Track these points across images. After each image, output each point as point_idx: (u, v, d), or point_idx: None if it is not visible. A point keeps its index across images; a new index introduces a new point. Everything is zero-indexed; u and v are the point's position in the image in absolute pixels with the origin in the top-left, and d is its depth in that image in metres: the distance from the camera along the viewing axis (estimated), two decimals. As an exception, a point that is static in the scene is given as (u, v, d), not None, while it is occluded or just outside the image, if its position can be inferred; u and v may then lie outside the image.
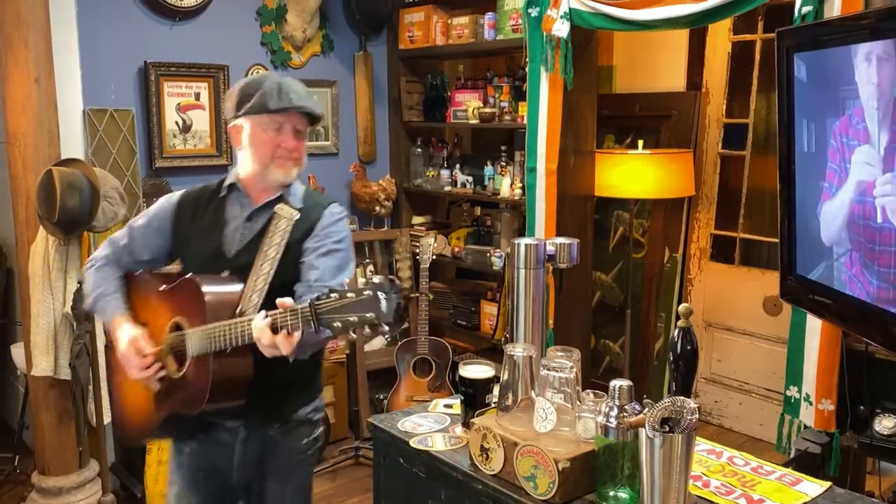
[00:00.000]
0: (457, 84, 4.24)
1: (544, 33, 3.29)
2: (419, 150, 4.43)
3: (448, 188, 4.24)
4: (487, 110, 3.95)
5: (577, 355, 1.59)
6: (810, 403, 2.54)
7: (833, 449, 2.48)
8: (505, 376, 1.62)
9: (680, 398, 1.36)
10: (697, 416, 1.35)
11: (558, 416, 1.50)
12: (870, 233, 1.90)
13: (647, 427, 1.34)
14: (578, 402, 1.53)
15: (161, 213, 2.01)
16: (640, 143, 3.72)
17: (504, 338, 1.96)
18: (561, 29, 3.21)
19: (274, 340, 1.63)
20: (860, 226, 1.94)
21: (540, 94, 3.38)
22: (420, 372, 3.83)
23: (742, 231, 3.99)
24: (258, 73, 3.66)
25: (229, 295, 1.82)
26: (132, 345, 1.86)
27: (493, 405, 1.72)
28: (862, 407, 2.44)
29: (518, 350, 1.62)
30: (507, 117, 3.90)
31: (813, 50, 2.16)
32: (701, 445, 1.72)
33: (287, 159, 1.91)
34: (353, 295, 1.54)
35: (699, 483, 1.55)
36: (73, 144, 3.29)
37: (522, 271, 1.86)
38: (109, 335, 1.99)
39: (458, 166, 4.22)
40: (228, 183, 1.98)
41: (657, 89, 4.18)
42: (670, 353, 1.69)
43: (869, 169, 1.87)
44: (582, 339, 3.71)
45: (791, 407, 2.63)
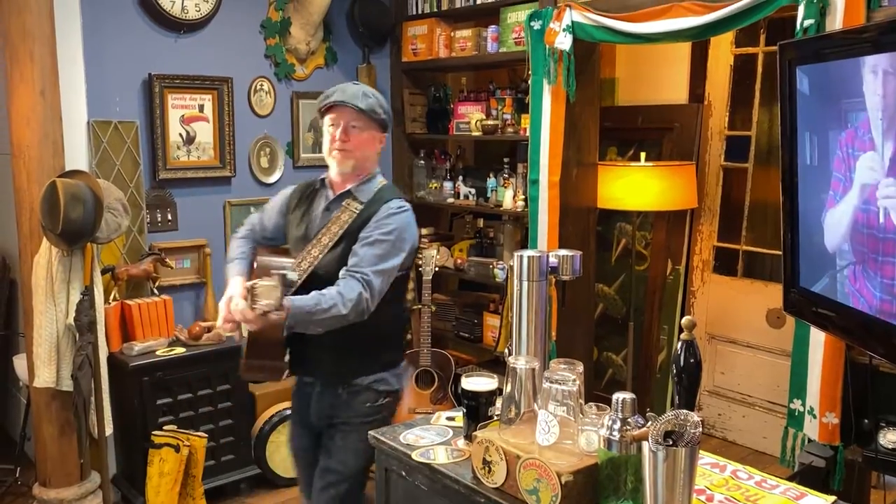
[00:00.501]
0: (460, 96, 4.25)
1: (547, 46, 3.30)
2: (422, 162, 4.44)
3: (451, 200, 4.24)
4: (490, 122, 3.96)
5: (581, 368, 1.59)
6: (814, 416, 2.53)
7: (837, 463, 2.47)
8: (507, 389, 1.62)
9: (683, 411, 1.35)
10: (701, 430, 1.34)
11: (561, 429, 1.50)
12: (873, 243, 1.90)
13: (651, 440, 1.34)
14: (581, 415, 1.52)
15: (282, 197, 2.46)
16: (643, 156, 3.72)
17: (507, 350, 1.96)
18: (564, 42, 3.23)
19: (244, 315, 2.02)
20: (864, 235, 1.94)
21: (542, 107, 3.39)
22: (422, 384, 3.82)
23: (745, 243, 3.98)
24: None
25: (275, 265, 2.16)
26: (224, 299, 2.18)
27: (496, 418, 1.72)
28: (866, 420, 2.44)
29: (521, 362, 1.62)
30: (510, 129, 3.91)
31: (815, 63, 2.17)
32: (704, 459, 1.72)
33: (337, 150, 2.23)
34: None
35: (703, 497, 1.54)
36: (78, 156, 3.30)
37: (525, 283, 1.87)
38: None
39: (461, 178, 4.23)
40: (321, 177, 2.37)
41: (659, 102, 4.18)
42: (673, 366, 1.68)
43: (873, 174, 1.88)
44: (584, 352, 3.70)
45: (795, 420, 2.62)
